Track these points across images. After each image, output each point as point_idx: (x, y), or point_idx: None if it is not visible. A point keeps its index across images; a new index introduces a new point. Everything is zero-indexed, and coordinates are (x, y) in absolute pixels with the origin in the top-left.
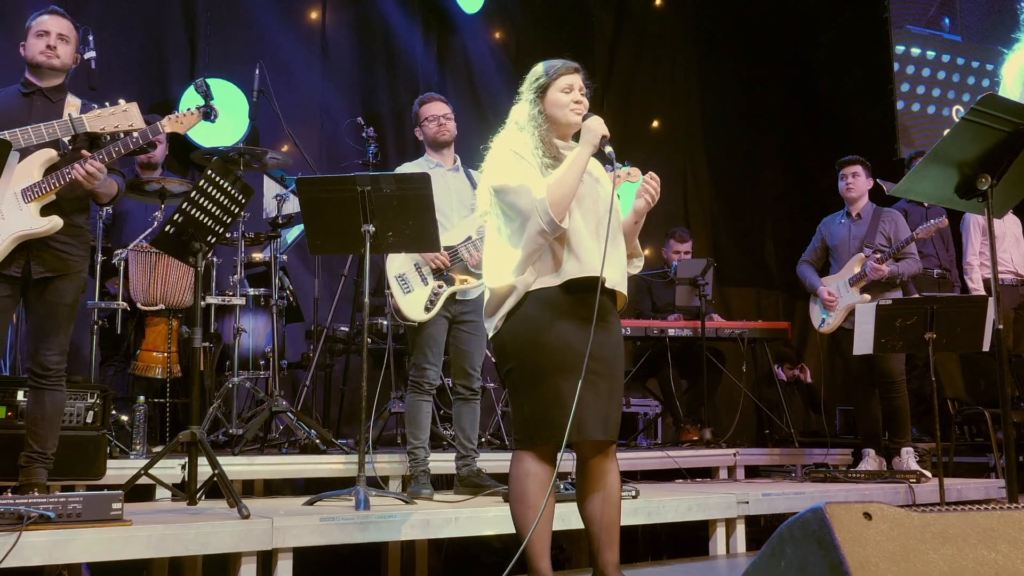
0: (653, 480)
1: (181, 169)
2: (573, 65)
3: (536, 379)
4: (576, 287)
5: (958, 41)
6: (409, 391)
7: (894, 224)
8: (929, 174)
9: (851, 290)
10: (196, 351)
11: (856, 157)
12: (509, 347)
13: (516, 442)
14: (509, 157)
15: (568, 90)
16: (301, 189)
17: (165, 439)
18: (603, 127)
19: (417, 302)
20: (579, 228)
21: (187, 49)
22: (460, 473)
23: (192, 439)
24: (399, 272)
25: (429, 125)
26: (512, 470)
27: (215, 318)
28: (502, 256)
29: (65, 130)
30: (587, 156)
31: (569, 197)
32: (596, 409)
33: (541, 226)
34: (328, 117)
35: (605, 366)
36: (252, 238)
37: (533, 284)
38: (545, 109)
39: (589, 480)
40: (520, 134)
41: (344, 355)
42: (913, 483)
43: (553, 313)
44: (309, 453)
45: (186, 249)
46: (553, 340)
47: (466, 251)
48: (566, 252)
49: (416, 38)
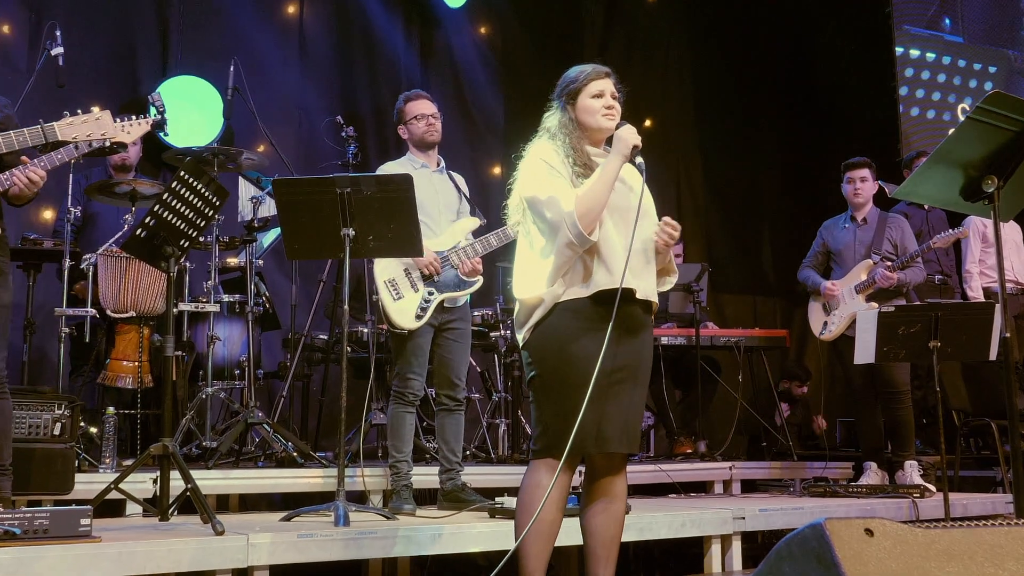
0: (645, 495)
1: (153, 170)
2: (604, 69)
3: (559, 389)
4: (606, 299)
5: (959, 43)
6: (392, 402)
7: (900, 230)
8: (933, 176)
9: (857, 297)
10: (168, 360)
11: (864, 160)
12: (535, 356)
13: (533, 452)
14: (539, 167)
15: (599, 95)
16: (278, 191)
17: (136, 452)
18: (635, 136)
19: (407, 309)
20: (611, 239)
21: (159, 45)
22: (444, 487)
23: (164, 452)
24: (389, 277)
25: (417, 124)
26: (525, 479)
27: (188, 326)
28: (532, 267)
29: (36, 138)
30: (618, 166)
31: (598, 209)
32: (617, 421)
33: (569, 238)
34: (306, 116)
35: (631, 374)
36: (227, 242)
37: (563, 295)
38: (576, 116)
39: (597, 494)
40: (551, 142)
41: (323, 364)
42: (917, 498)
43: (581, 324)
44: (286, 467)
45: (158, 254)
46: (578, 351)
47: (457, 257)
48: (596, 263)
49: (398, 33)
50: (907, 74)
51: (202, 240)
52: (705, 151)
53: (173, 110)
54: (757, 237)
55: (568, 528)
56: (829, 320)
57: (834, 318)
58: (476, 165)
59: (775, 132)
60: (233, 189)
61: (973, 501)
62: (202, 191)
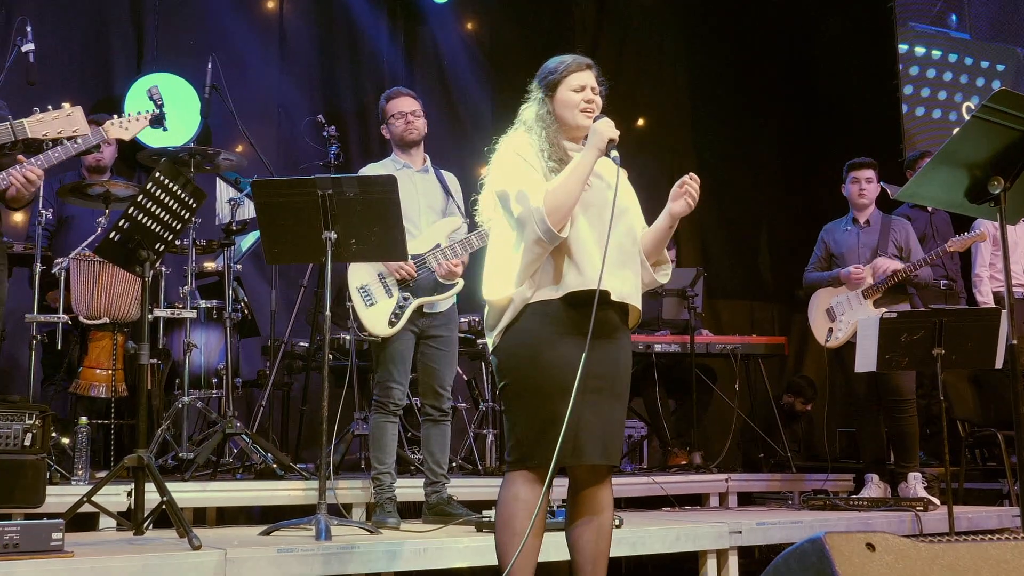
0: (638, 508)
1: (127, 171)
2: (586, 61)
3: (532, 398)
4: (578, 300)
5: (966, 39)
6: (373, 411)
7: (905, 233)
8: (937, 177)
9: (865, 303)
10: (143, 368)
11: (869, 160)
12: (505, 362)
13: (508, 464)
14: (512, 160)
15: (580, 89)
16: (257, 193)
17: (110, 464)
18: (612, 130)
19: (380, 315)
20: (583, 237)
21: (133, 41)
22: (429, 500)
23: (139, 464)
24: (361, 283)
25: (396, 123)
26: (501, 493)
27: (164, 332)
28: (502, 266)
29: (5, 135)
30: (592, 161)
31: (569, 205)
32: (595, 431)
33: (537, 235)
34: (286, 115)
35: (608, 384)
36: (204, 246)
37: (532, 297)
38: (554, 109)
39: (581, 507)
40: (527, 135)
41: (303, 372)
42: (920, 511)
43: (553, 328)
44: (265, 479)
45: (132, 258)
46: (552, 357)
47: (434, 260)
48: (567, 263)
49: (382, 29)
50: (912, 72)
51: (178, 244)
52: (700, 151)
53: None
54: (754, 240)
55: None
56: (835, 327)
57: (840, 324)
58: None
59: (773, 131)
60: (210, 191)
61: (979, 515)
62: (178, 193)
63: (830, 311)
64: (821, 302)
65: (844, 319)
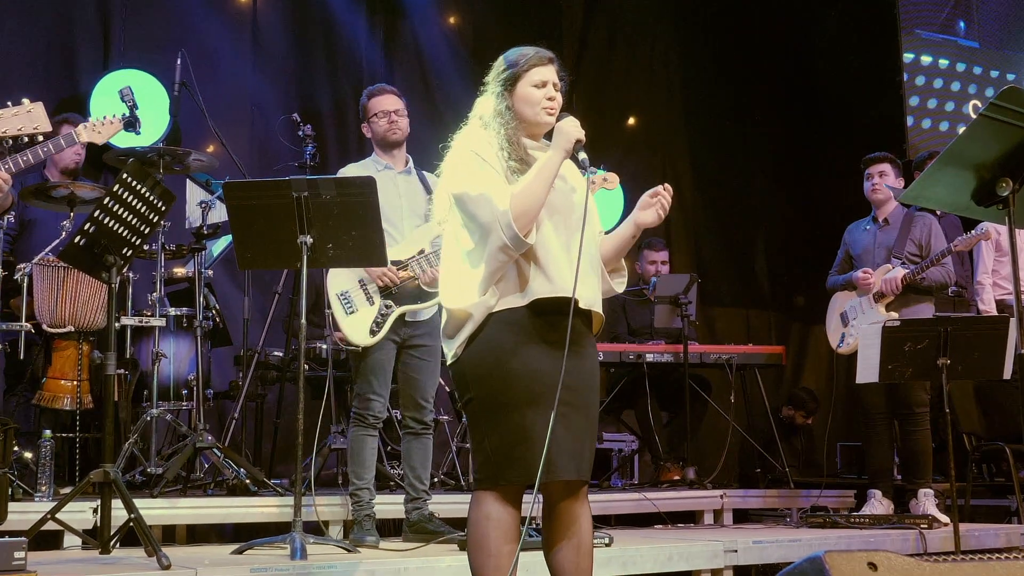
0: (629, 525)
1: (93, 173)
2: (547, 55)
3: (500, 411)
4: (545, 308)
5: (975, 48)
6: (352, 424)
7: (927, 228)
8: (942, 178)
9: (875, 307)
10: (110, 379)
11: (884, 154)
12: (470, 375)
13: (477, 482)
14: (470, 159)
15: (541, 85)
16: (229, 195)
17: (75, 479)
18: (578, 130)
19: (361, 324)
20: (549, 242)
21: (99, 36)
22: (410, 518)
23: (105, 479)
24: (341, 289)
25: (378, 122)
26: (471, 513)
27: (131, 342)
28: (461, 272)
29: None
30: (558, 162)
31: (536, 209)
32: (568, 446)
33: (504, 241)
34: (260, 113)
35: (578, 397)
36: (173, 251)
37: (496, 305)
38: (513, 105)
39: (558, 526)
40: (484, 132)
41: (278, 383)
42: (925, 529)
43: (519, 337)
44: (238, 495)
45: (98, 263)
46: (519, 367)
47: (418, 266)
48: (533, 269)
49: (360, 23)
50: (917, 83)
51: (146, 248)
52: (694, 151)
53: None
54: (750, 245)
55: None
56: (847, 332)
57: (852, 330)
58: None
59: (770, 132)
60: (180, 193)
61: (986, 532)
62: (146, 195)
63: (844, 316)
64: (837, 306)
65: (856, 324)
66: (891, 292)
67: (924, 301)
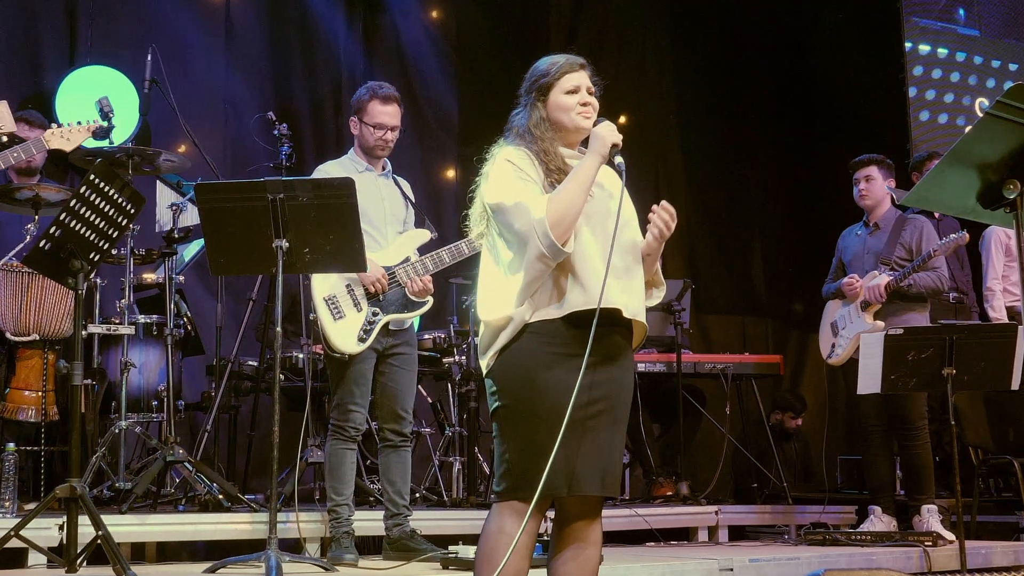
0: (619, 543)
1: (59, 174)
2: (579, 61)
3: (526, 423)
4: (582, 320)
5: (975, 36)
6: (330, 437)
7: (918, 232)
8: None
9: (862, 316)
10: (76, 390)
11: (871, 157)
12: (500, 384)
13: (496, 494)
14: (506, 170)
15: (574, 91)
16: (201, 197)
17: (39, 494)
18: (614, 134)
19: (349, 331)
20: (587, 251)
21: (66, 31)
22: (390, 534)
23: (71, 494)
24: (329, 294)
25: (372, 133)
26: (487, 524)
27: (99, 351)
28: (498, 284)
29: None
30: (595, 167)
31: (573, 216)
32: (593, 460)
33: (541, 250)
34: (233, 111)
35: (609, 409)
36: (143, 256)
37: (531, 317)
38: (548, 114)
39: (568, 541)
40: (520, 143)
41: (252, 394)
42: (929, 546)
43: (554, 349)
44: (211, 511)
45: (64, 268)
46: (549, 380)
47: (405, 275)
48: (570, 280)
49: (338, 18)
50: (916, 73)
51: (115, 253)
52: (687, 152)
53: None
54: (746, 250)
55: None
56: (836, 342)
57: (841, 340)
58: (427, 168)
59: (767, 131)
60: (150, 195)
61: (993, 550)
62: (115, 197)
63: (834, 325)
64: (829, 315)
65: (845, 334)
66: (875, 300)
67: (914, 309)
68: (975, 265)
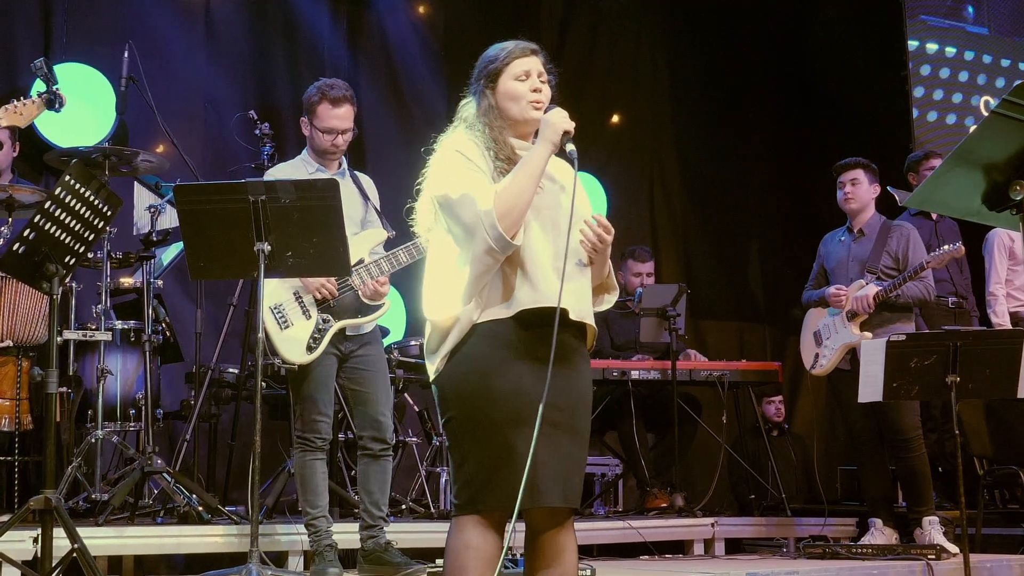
0: (612, 556)
1: (33, 175)
2: (530, 46)
3: (482, 431)
4: (532, 320)
5: (984, 34)
6: (296, 450)
7: (904, 240)
8: (951, 181)
9: (848, 326)
10: (51, 398)
11: (855, 160)
12: (450, 392)
13: (456, 507)
14: (454, 160)
15: (524, 77)
16: (180, 199)
17: (13, 506)
18: (566, 121)
19: (297, 340)
20: (536, 247)
21: (40, 27)
22: (364, 547)
23: (46, 506)
24: (275, 302)
25: (322, 137)
26: (450, 540)
27: (74, 357)
28: (445, 281)
29: None
30: (545, 156)
31: (522, 206)
32: (554, 469)
33: (488, 243)
34: (214, 110)
35: (568, 417)
36: (120, 259)
37: (480, 316)
38: (497, 102)
39: (541, 556)
40: (468, 132)
41: (233, 403)
42: (932, 560)
43: (504, 352)
44: (190, 523)
45: (39, 273)
46: (503, 385)
47: (358, 278)
48: (519, 277)
49: (322, 14)
50: (923, 72)
51: (91, 257)
52: (682, 152)
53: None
54: (744, 253)
55: None
56: (820, 352)
57: (825, 350)
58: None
59: (765, 130)
60: (127, 196)
61: (998, 563)
62: (91, 199)
63: (817, 335)
64: (811, 324)
65: (829, 344)
66: (863, 311)
67: (902, 319)
68: (975, 269)
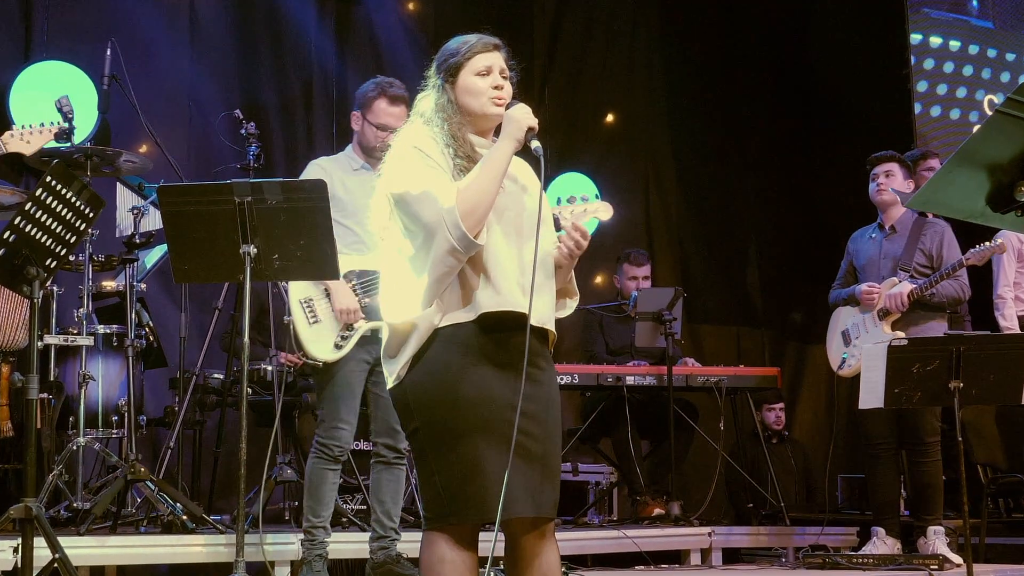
0: (607, 566)
1: (13, 175)
2: (492, 41)
3: (449, 441)
4: (494, 324)
5: (989, 28)
6: (313, 455)
7: (938, 237)
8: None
9: (879, 325)
10: (31, 404)
11: (890, 153)
12: (413, 401)
13: (427, 520)
14: (412, 156)
15: (485, 72)
16: (164, 200)
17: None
18: (530, 117)
19: (324, 337)
20: (498, 249)
21: (20, 24)
22: (374, 558)
23: (27, 515)
24: (305, 296)
25: (375, 133)
26: (423, 556)
27: (56, 362)
28: (404, 284)
29: None
30: (509, 153)
31: (485, 205)
32: (525, 479)
33: (451, 243)
34: (198, 109)
35: (536, 425)
36: (102, 262)
37: (441, 321)
38: (456, 97)
39: (522, 565)
40: (426, 128)
41: (218, 409)
42: (935, 570)
43: (467, 358)
44: (174, 532)
45: (19, 276)
46: (468, 392)
47: None
48: (481, 280)
49: (308, 11)
50: (926, 66)
51: (73, 259)
52: (678, 152)
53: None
54: (741, 256)
55: None
56: (849, 352)
57: (854, 351)
58: None
59: (763, 129)
60: (110, 198)
61: (1003, 573)
62: (72, 200)
63: (846, 334)
64: (839, 323)
65: (859, 344)
66: (896, 309)
67: (935, 319)
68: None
